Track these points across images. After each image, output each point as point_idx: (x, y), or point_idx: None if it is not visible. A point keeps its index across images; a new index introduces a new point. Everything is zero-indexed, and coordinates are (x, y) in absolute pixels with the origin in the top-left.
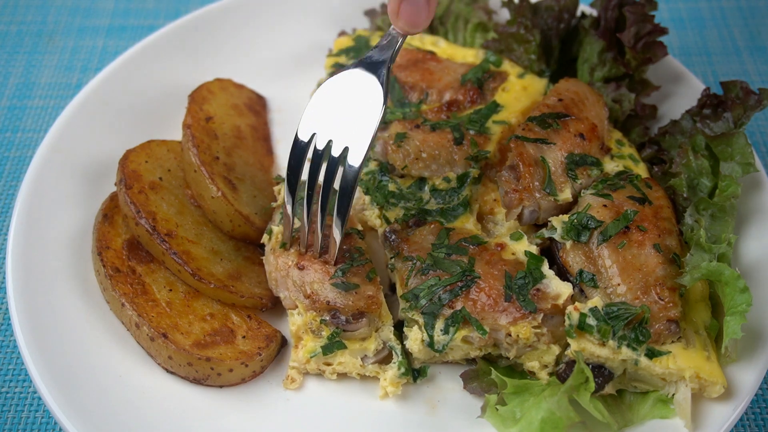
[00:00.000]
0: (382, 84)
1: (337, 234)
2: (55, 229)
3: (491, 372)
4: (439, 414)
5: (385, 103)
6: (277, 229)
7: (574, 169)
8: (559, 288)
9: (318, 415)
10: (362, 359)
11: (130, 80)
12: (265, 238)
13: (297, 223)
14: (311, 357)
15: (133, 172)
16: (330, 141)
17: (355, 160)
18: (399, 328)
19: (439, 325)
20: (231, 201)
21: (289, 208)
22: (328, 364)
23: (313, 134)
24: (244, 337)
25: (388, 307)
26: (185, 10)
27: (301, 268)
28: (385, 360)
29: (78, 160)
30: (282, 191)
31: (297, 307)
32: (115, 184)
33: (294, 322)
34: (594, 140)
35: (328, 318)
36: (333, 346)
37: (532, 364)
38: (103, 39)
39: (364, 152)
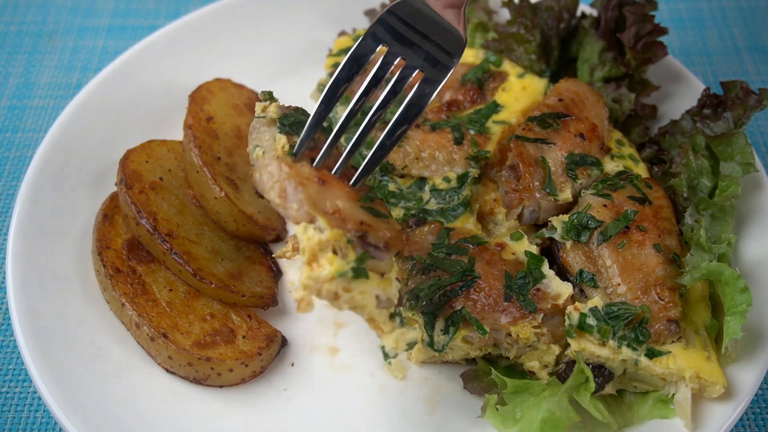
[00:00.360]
0: (462, 20)
1: (376, 158)
2: (55, 229)
3: (491, 372)
4: (439, 414)
5: (465, 39)
6: (282, 138)
7: (574, 169)
8: (559, 288)
9: (318, 415)
10: (377, 299)
11: (130, 80)
12: (258, 152)
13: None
14: (338, 276)
15: (133, 172)
16: (401, 59)
17: (429, 85)
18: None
19: (439, 324)
20: (234, 201)
21: (317, 119)
22: (348, 291)
23: (380, 46)
24: (244, 337)
25: None
26: (185, 10)
27: (322, 183)
28: (392, 317)
29: (78, 160)
30: (268, 109)
31: (313, 221)
32: (116, 184)
33: (310, 237)
34: (594, 140)
35: (355, 239)
36: (360, 271)
37: (532, 364)
38: (103, 39)
39: (442, 80)
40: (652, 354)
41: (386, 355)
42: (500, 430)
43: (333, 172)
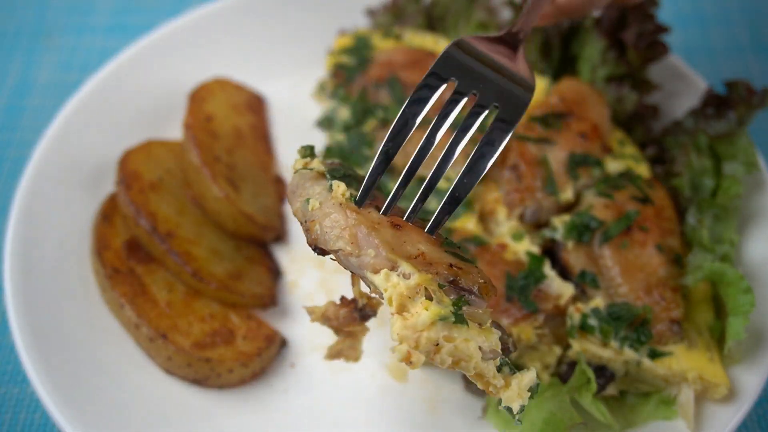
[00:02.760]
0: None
1: (453, 201)
2: (54, 229)
3: None
4: (440, 415)
5: (533, 77)
6: (341, 185)
7: (575, 168)
8: (560, 288)
9: (318, 416)
10: (480, 350)
11: (129, 80)
12: (313, 203)
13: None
14: (439, 321)
15: (132, 172)
16: (474, 93)
17: (505, 123)
18: None
19: None
20: (234, 201)
21: (378, 164)
22: (450, 340)
23: (449, 80)
24: (243, 337)
25: None
26: (185, 9)
27: (397, 228)
28: (500, 369)
29: (77, 160)
30: (310, 164)
31: (395, 267)
32: (115, 185)
33: (395, 284)
34: (595, 140)
35: (446, 284)
36: (460, 317)
37: (533, 365)
38: (102, 38)
39: (518, 119)
40: (654, 355)
41: (513, 413)
42: (501, 430)
43: (405, 218)
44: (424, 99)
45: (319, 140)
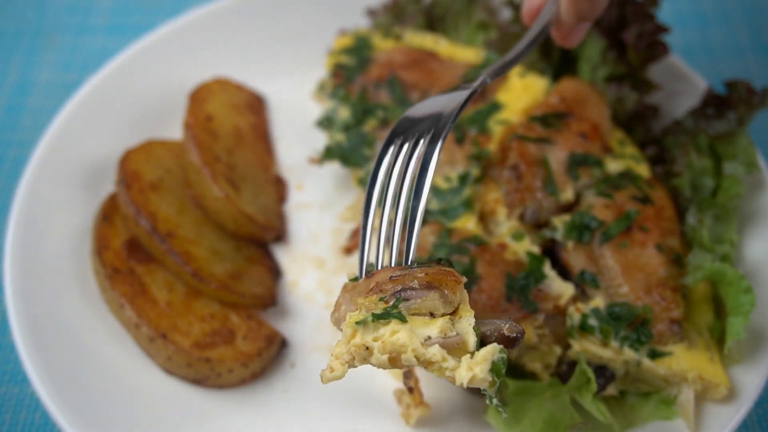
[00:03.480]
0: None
1: (415, 228)
2: (54, 229)
3: None
4: (441, 415)
5: (471, 93)
6: (349, 275)
7: (575, 168)
8: (560, 288)
9: (318, 416)
10: (424, 340)
11: (129, 79)
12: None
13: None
14: (357, 324)
15: (133, 172)
16: (408, 146)
17: (432, 141)
18: None
19: None
20: (234, 201)
21: (366, 239)
22: (377, 339)
23: (394, 142)
24: (244, 337)
25: None
26: (185, 8)
27: (370, 276)
28: (455, 352)
29: (77, 160)
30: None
31: (356, 311)
32: (115, 184)
33: (349, 321)
34: (596, 140)
35: (389, 296)
36: (388, 315)
37: (533, 365)
38: (102, 38)
39: (445, 130)
40: (654, 355)
41: (487, 396)
42: (502, 430)
43: (379, 266)
44: (381, 168)
45: (320, 140)
